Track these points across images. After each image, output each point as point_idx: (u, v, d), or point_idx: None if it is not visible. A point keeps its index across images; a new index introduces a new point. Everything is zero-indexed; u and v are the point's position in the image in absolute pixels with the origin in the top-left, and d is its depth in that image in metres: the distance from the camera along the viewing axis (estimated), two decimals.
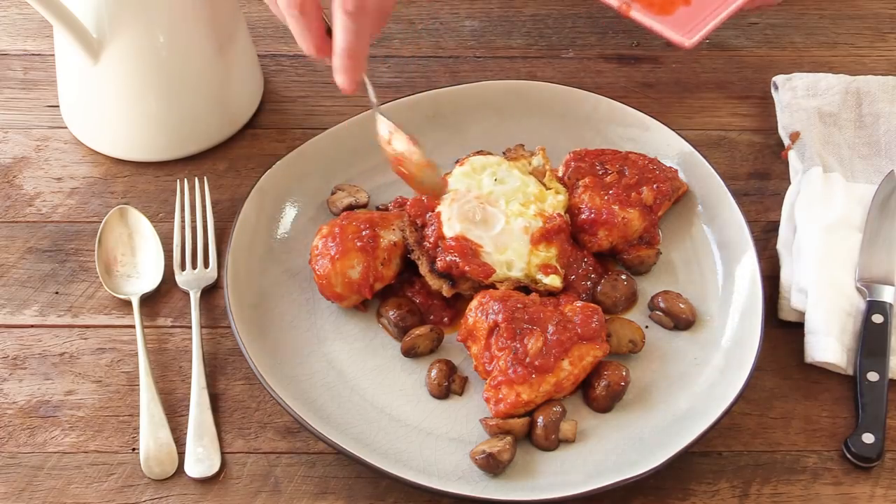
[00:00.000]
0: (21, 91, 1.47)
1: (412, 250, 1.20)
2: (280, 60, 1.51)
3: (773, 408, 1.15)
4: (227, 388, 1.17)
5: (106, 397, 1.16)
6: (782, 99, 1.42)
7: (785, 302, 1.21)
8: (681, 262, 1.25)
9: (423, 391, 1.15)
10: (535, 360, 1.09)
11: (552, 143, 1.33)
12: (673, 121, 1.40)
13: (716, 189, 1.27)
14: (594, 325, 1.12)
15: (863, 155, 1.36)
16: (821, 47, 1.54)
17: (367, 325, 1.20)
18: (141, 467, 1.10)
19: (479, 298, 1.14)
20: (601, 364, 1.13)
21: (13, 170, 1.38)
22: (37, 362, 1.19)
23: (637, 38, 1.55)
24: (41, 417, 1.15)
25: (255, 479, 1.10)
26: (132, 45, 1.29)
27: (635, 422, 1.12)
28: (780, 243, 1.27)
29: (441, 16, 1.58)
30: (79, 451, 1.12)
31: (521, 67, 1.51)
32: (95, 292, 1.25)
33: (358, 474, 1.10)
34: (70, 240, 1.30)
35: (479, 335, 1.13)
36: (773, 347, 1.19)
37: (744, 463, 1.11)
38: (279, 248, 1.26)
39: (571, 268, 1.21)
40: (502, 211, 1.20)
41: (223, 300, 1.20)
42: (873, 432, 1.11)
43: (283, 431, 1.14)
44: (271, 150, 1.39)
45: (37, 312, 1.23)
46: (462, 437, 1.11)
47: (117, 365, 1.19)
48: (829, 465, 1.11)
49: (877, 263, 1.22)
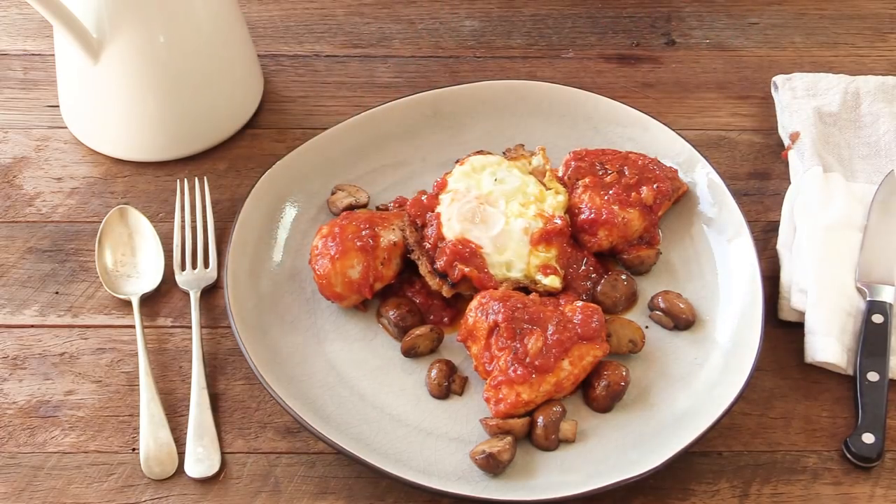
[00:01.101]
0: (21, 91, 1.47)
1: (412, 250, 1.20)
2: (280, 60, 1.51)
3: (773, 408, 1.15)
4: (227, 388, 1.17)
5: (106, 397, 1.16)
6: (782, 99, 1.42)
7: (785, 302, 1.21)
8: (681, 262, 1.25)
9: (423, 391, 1.15)
10: (536, 359, 1.09)
11: (552, 143, 1.33)
12: (673, 121, 1.40)
13: (716, 189, 1.27)
14: (594, 325, 1.12)
15: (863, 155, 1.36)
16: (821, 47, 1.54)
17: (367, 325, 1.20)
18: (141, 467, 1.10)
19: (479, 298, 1.14)
20: (601, 364, 1.13)
21: (13, 170, 1.38)
22: (37, 362, 1.19)
23: (637, 39, 1.55)
24: (41, 417, 1.15)
25: (255, 479, 1.10)
26: (132, 44, 1.29)
27: (635, 422, 1.12)
28: (780, 243, 1.27)
29: (441, 16, 1.58)
30: (79, 451, 1.12)
31: (521, 67, 1.51)
32: (95, 292, 1.25)
33: (358, 474, 1.10)
34: (70, 240, 1.30)
35: (479, 335, 1.13)
36: (773, 347, 1.19)
37: (744, 463, 1.11)
38: (279, 248, 1.26)
39: (571, 268, 1.21)
40: (502, 211, 1.20)
41: (223, 300, 1.20)
42: (873, 432, 1.11)
43: (283, 431, 1.14)
44: (271, 150, 1.39)
45: (37, 312, 1.23)
46: (462, 437, 1.11)
47: (117, 365, 1.19)
48: (829, 465, 1.11)
49: (877, 263, 1.22)
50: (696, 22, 1.58)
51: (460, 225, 1.19)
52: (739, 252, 1.22)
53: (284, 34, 1.55)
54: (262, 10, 1.58)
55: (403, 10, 1.59)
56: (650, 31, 1.56)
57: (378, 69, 1.51)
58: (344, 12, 1.58)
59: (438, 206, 1.21)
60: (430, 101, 1.37)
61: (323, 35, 1.55)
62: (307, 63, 1.51)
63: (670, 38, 1.55)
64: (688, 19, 1.58)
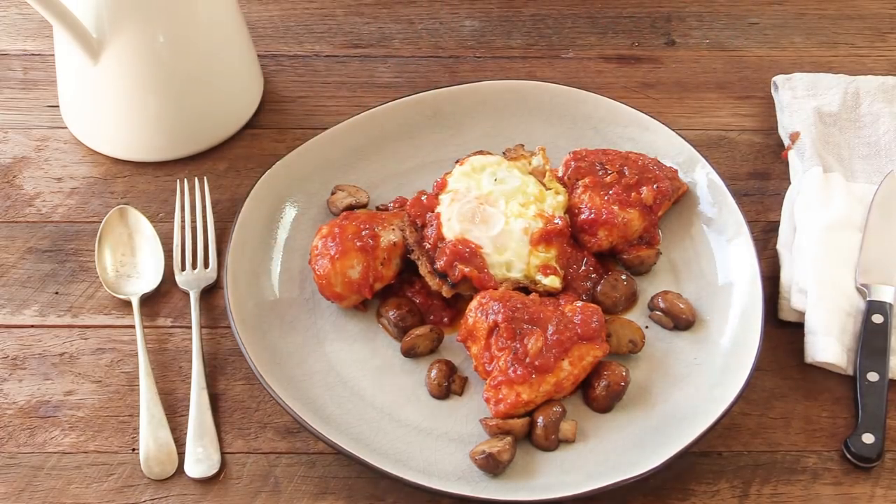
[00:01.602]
0: (21, 91, 1.47)
1: (412, 250, 1.20)
2: (280, 60, 1.51)
3: (773, 408, 1.15)
4: (227, 389, 1.17)
5: (106, 397, 1.16)
6: (782, 99, 1.42)
7: (785, 302, 1.21)
8: (681, 262, 1.25)
9: (423, 391, 1.15)
10: (536, 360, 1.09)
11: (552, 143, 1.33)
12: (673, 121, 1.40)
13: (716, 189, 1.27)
14: (594, 325, 1.12)
15: (862, 155, 1.36)
16: (821, 47, 1.54)
17: (367, 326, 1.20)
18: (141, 467, 1.10)
19: (479, 298, 1.14)
20: (601, 364, 1.13)
21: (13, 170, 1.38)
22: (37, 362, 1.19)
23: (637, 39, 1.55)
24: (41, 417, 1.15)
25: (254, 479, 1.10)
26: (132, 45, 1.29)
27: (635, 422, 1.12)
28: (781, 243, 1.27)
29: (441, 16, 1.58)
30: (79, 452, 1.12)
31: (521, 67, 1.51)
32: (95, 292, 1.25)
33: (358, 474, 1.10)
34: (70, 240, 1.30)
35: (479, 335, 1.13)
36: (773, 347, 1.19)
37: (744, 463, 1.11)
38: (279, 248, 1.25)
39: (571, 268, 1.21)
40: (502, 211, 1.20)
41: (223, 300, 1.20)
42: (873, 432, 1.11)
43: (283, 431, 1.13)
44: (271, 149, 1.39)
45: (37, 312, 1.23)
46: (462, 437, 1.11)
47: (117, 365, 1.19)
48: (829, 466, 1.11)
49: (877, 263, 1.22)
50: (697, 22, 1.57)
51: (460, 225, 1.19)
52: (739, 252, 1.22)
53: (284, 34, 1.55)
54: (262, 10, 1.58)
55: (403, 10, 1.59)
56: (650, 31, 1.56)
57: (378, 69, 1.50)
58: (344, 12, 1.58)
59: (438, 206, 1.21)
60: (430, 101, 1.37)
61: (323, 35, 1.55)
62: (307, 63, 1.51)
63: (670, 38, 1.55)
64: (688, 19, 1.58)
